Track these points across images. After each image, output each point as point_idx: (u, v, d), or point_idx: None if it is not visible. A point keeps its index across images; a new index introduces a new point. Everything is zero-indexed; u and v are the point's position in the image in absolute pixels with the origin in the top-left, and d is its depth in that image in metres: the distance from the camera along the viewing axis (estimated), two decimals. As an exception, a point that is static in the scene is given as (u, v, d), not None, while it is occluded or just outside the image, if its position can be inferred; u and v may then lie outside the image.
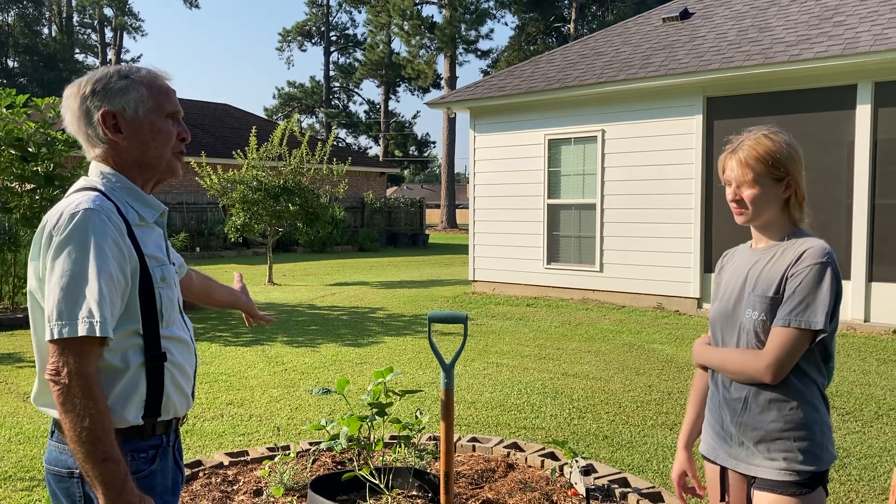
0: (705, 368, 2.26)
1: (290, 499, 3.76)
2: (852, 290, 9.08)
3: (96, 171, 1.81)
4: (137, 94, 1.79)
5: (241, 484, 3.98)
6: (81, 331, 1.59)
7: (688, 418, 2.32)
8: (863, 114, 9.03)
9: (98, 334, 1.60)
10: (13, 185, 9.51)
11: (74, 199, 1.71)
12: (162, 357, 1.76)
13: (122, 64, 1.85)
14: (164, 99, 1.83)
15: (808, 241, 2.04)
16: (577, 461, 3.93)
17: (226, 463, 4.26)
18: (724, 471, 2.15)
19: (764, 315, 2.03)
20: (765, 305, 2.03)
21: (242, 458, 4.33)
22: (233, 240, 15.89)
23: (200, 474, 4.09)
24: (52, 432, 1.78)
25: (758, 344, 2.05)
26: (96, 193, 1.73)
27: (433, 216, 50.16)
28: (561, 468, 4.08)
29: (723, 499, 2.17)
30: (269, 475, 3.95)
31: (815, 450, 2.00)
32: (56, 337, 1.60)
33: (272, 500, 3.76)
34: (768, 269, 2.06)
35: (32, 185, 9.43)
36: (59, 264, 1.63)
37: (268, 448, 4.55)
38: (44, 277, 1.67)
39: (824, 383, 2.06)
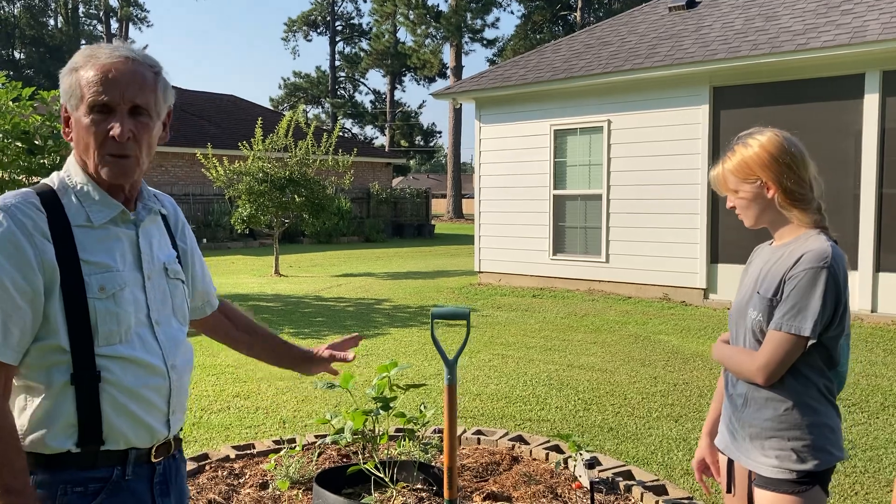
0: None
1: (295, 492, 3.78)
2: (859, 280, 9.04)
3: (65, 164, 1.65)
4: (66, 86, 1.55)
5: (247, 477, 4.01)
6: None
7: (713, 407, 2.35)
8: (870, 103, 8.97)
9: None
10: (20, 179, 9.54)
11: None
12: (95, 378, 1.52)
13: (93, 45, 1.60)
14: (88, 89, 1.52)
15: (811, 243, 2.01)
16: (581, 454, 3.94)
17: (232, 456, 4.29)
18: (731, 462, 2.18)
19: (761, 316, 2.04)
20: (764, 306, 2.03)
21: (249, 451, 4.35)
22: (239, 231, 15.93)
23: (207, 467, 4.12)
24: None
25: (756, 344, 2.06)
26: (26, 190, 1.56)
27: (439, 206, 50.12)
28: (565, 461, 4.10)
29: (729, 490, 2.20)
30: (276, 468, 3.97)
31: (810, 450, 1.99)
32: None
33: (278, 493, 3.78)
34: (773, 269, 2.05)
35: (39, 179, 9.47)
36: None
37: (274, 441, 4.57)
38: None
39: (829, 386, 2.04)
